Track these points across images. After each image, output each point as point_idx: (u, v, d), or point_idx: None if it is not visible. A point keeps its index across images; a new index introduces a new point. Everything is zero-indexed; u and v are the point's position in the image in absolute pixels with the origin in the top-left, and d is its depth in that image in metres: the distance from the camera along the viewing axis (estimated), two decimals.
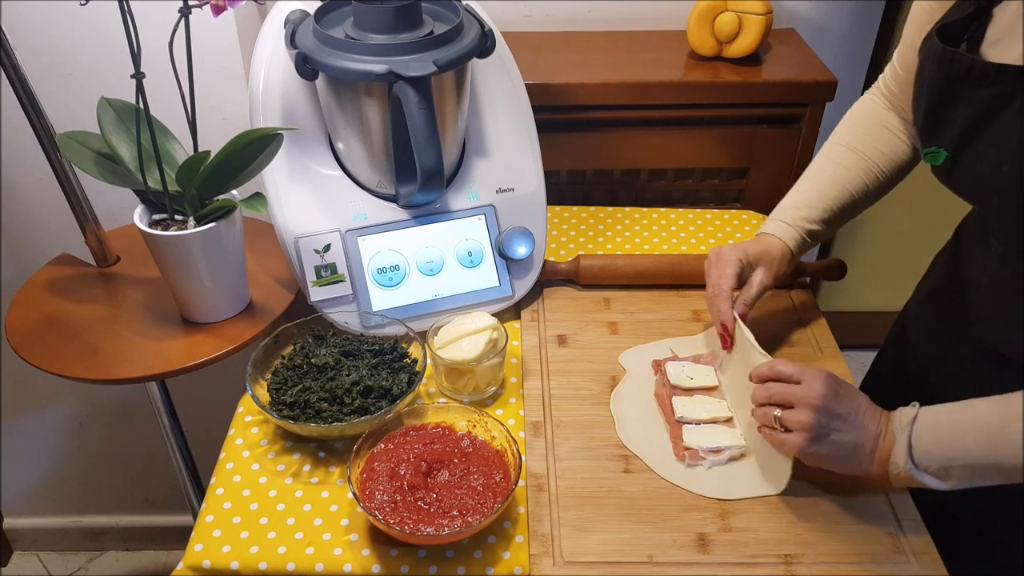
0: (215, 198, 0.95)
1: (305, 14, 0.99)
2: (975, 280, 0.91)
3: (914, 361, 1.02)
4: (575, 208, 1.30)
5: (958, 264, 0.95)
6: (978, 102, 0.75)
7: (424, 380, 0.97)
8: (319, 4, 0.99)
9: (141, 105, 0.89)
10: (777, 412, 0.81)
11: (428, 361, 0.95)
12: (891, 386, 1.05)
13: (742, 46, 1.34)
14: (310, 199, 1.02)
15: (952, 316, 0.95)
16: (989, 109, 0.75)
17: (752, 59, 1.36)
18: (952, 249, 0.99)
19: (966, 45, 0.79)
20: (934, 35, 0.80)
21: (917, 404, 0.78)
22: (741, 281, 0.96)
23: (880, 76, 1.01)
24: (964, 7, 0.79)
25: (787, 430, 0.81)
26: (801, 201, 0.99)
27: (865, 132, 0.99)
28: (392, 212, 1.04)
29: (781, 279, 0.99)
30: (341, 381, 0.92)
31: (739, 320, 0.94)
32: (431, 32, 0.95)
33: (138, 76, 0.86)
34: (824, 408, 0.79)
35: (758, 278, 0.96)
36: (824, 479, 0.85)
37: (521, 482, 0.87)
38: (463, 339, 0.95)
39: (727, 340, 0.95)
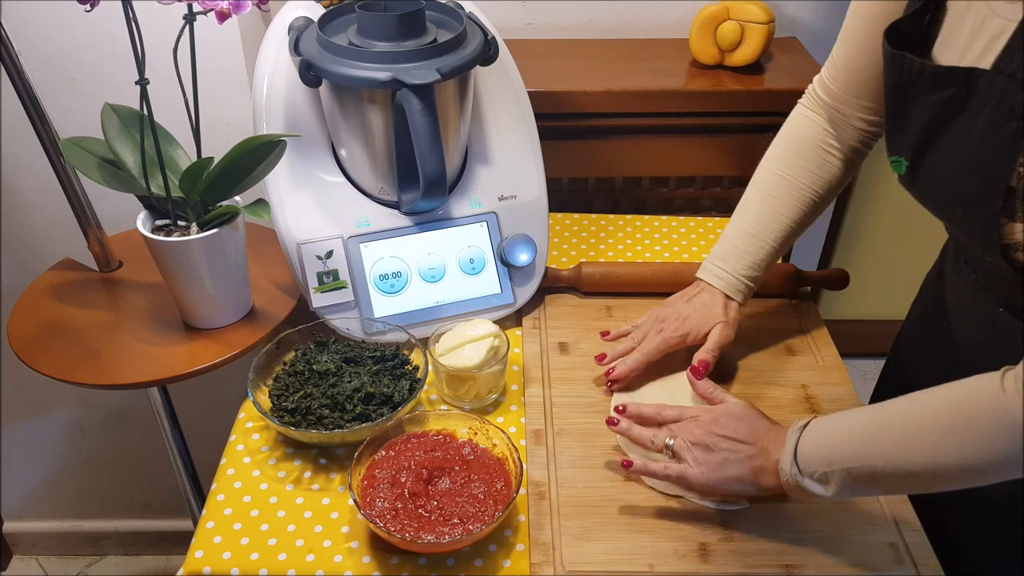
0: (218, 204, 0.95)
1: (309, 21, 0.99)
2: (954, 307, 0.89)
3: (909, 386, 1.00)
4: (577, 215, 1.30)
5: (942, 288, 0.92)
6: (931, 107, 0.71)
7: (425, 387, 0.97)
8: (323, 11, 0.99)
9: (145, 111, 0.89)
10: (668, 440, 0.83)
11: (429, 368, 0.95)
12: None
13: (744, 55, 1.34)
14: (313, 205, 1.02)
15: (940, 343, 0.92)
16: (943, 114, 0.71)
17: (754, 68, 1.36)
18: (937, 271, 0.96)
19: (920, 45, 0.75)
20: (883, 36, 0.76)
21: (815, 414, 0.77)
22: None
23: (815, 78, 0.95)
24: (914, 2, 0.75)
25: (675, 460, 0.83)
26: (744, 248, 0.97)
27: (800, 157, 0.95)
28: (394, 219, 1.04)
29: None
30: (343, 388, 0.92)
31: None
32: (435, 40, 0.95)
33: (142, 82, 0.86)
34: (709, 430, 0.81)
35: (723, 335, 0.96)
36: None
37: (522, 490, 0.86)
38: (464, 346, 0.95)
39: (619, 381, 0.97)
